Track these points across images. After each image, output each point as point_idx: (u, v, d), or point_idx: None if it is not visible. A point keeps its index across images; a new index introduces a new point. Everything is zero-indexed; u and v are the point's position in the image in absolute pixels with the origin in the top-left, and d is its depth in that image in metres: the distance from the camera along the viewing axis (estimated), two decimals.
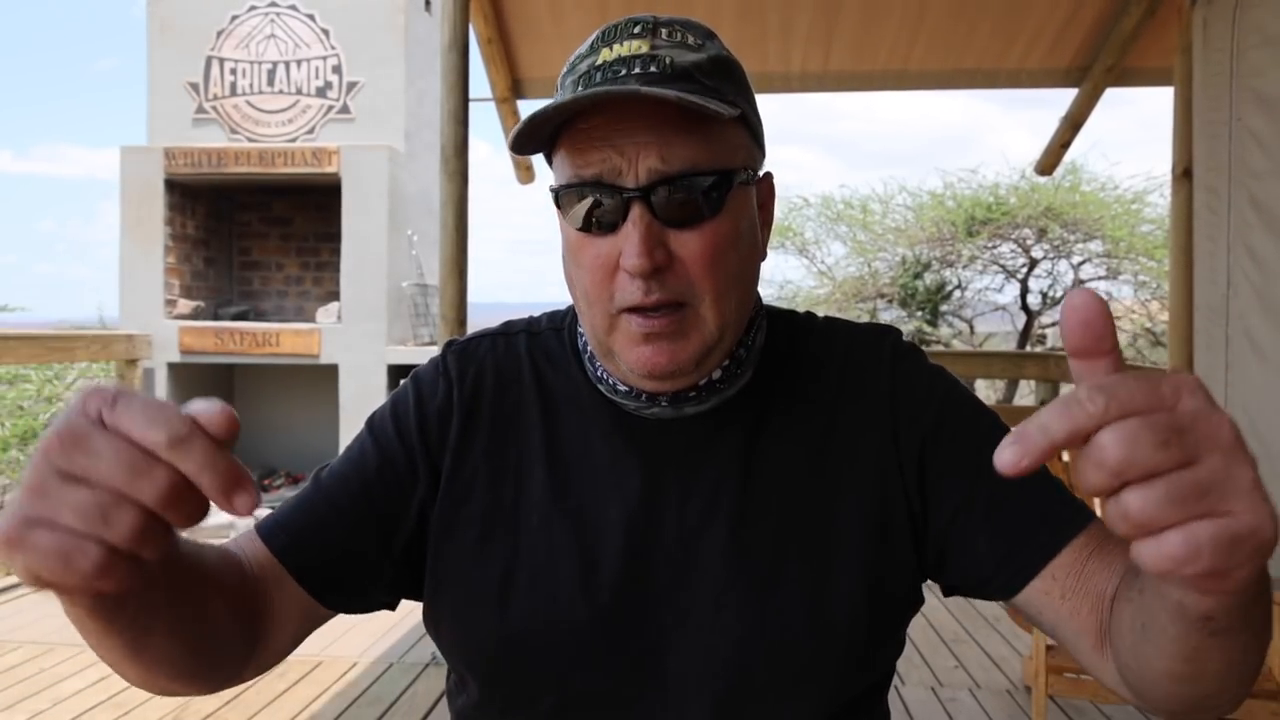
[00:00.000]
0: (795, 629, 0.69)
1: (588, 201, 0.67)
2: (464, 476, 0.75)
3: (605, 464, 0.74)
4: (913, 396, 0.74)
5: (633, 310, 0.66)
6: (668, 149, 0.65)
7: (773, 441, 0.74)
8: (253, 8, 6.13)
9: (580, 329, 0.77)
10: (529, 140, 0.68)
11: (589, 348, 0.75)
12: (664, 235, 0.66)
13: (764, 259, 0.74)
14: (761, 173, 0.74)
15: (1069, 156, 4.70)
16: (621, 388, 0.73)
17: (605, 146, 0.65)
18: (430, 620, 0.76)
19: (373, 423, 0.79)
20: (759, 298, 0.77)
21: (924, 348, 0.76)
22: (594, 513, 0.73)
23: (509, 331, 0.82)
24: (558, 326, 0.81)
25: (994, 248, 9.75)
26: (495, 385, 0.78)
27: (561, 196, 0.69)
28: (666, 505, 0.72)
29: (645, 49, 0.67)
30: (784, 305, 0.83)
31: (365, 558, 0.73)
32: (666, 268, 0.66)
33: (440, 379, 0.78)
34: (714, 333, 0.68)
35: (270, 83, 6.12)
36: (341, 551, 0.72)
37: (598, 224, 0.67)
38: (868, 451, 0.73)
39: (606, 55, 0.67)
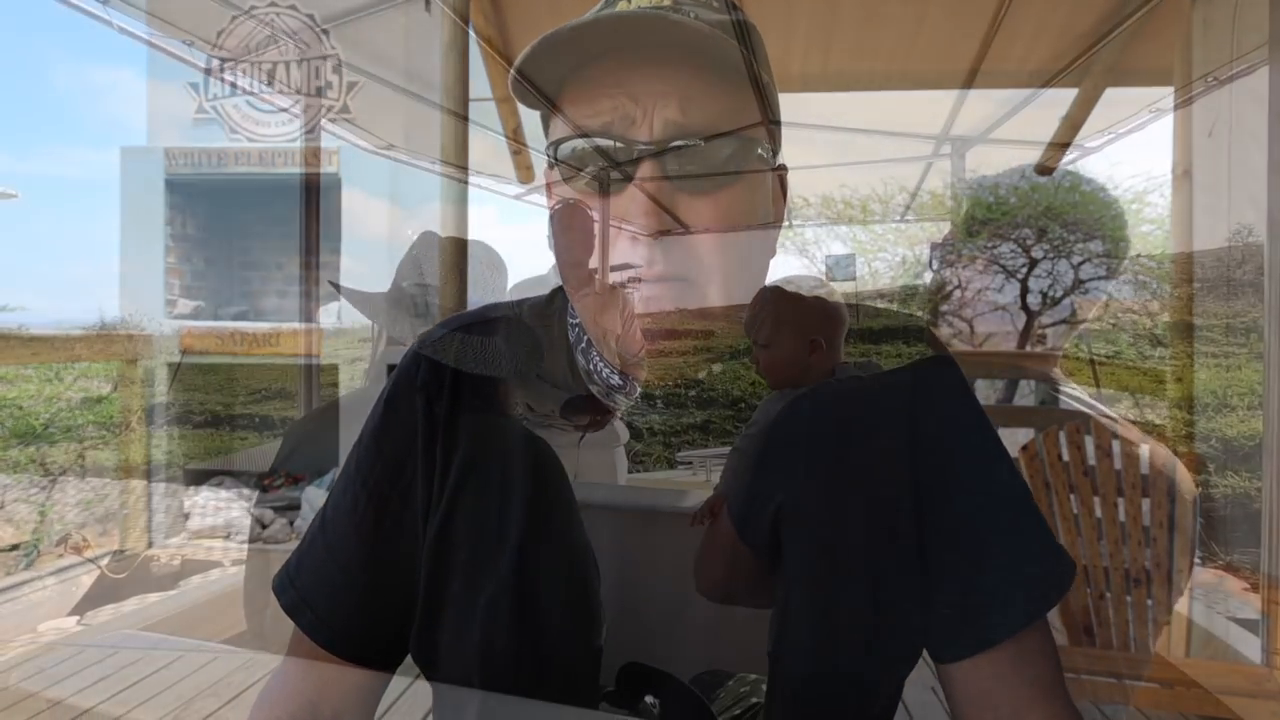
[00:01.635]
0: (802, 656, 0.65)
1: (592, 155, 0.59)
2: (447, 498, 0.69)
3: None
4: (934, 427, 0.68)
5: (633, 282, 0.60)
6: (688, 102, 0.57)
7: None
8: (253, 7, 6.13)
9: (571, 319, 0.71)
10: (533, 71, 0.60)
11: (583, 336, 0.69)
12: (674, 199, 0.58)
13: (773, 257, 0.67)
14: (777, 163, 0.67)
15: (1069, 156, 4.69)
16: (615, 380, 0.66)
17: (619, 93, 0.58)
18: (413, 645, 0.72)
19: (359, 461, 0.70)
20: None
21: None
22: (582, 534, 0.68)
23: (486, 318, 0.73)
24: (542, 312, 0.74)
25: (994, 248, 9.73)
26: (471, 395, 0.69)
27: (560, 152, 0.61)
28: None
29: (668, 1, 0.60)
30: None
31: (401, 616, 0.72)
32: (673, 236, 0.59)
33: (416, 394, 0.69)
34: (718, 316, 0.62)
35: (270, 83, 6.11)
36: (383, 624, 0.73)
37: (601, 182, 0.60)
38: (882, 479, 0.67)
39: (624, 7, 0.60)
